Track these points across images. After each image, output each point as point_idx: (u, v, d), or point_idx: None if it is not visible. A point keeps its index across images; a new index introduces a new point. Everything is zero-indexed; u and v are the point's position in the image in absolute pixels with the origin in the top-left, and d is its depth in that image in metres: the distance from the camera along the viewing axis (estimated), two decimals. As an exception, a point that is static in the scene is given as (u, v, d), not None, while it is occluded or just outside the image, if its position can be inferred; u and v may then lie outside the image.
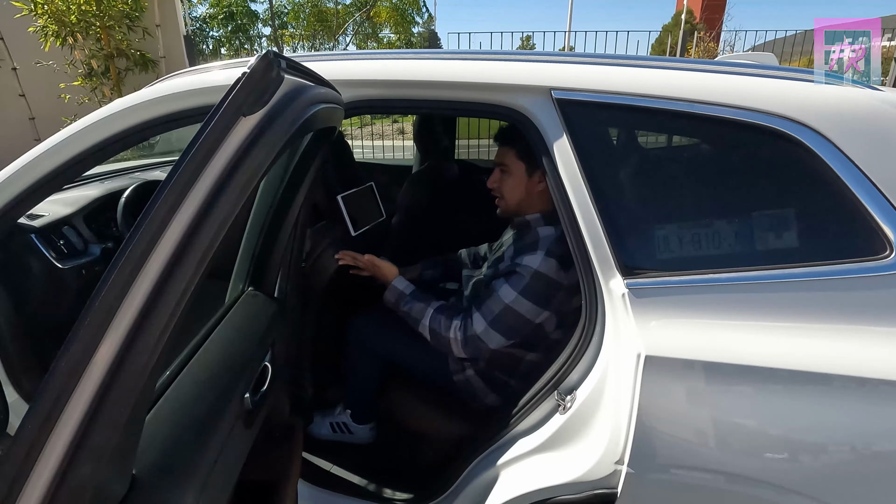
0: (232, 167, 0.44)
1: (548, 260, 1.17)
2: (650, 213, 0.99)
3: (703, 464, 0.85)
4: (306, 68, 0.61)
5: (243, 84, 0.44)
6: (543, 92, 1.00)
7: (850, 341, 0.84)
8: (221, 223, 0.45)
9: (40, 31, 5.11)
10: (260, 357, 0.84)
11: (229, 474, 0.68)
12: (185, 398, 0.62)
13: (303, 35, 11.70)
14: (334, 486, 1.36)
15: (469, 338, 1.22)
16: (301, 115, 0.53)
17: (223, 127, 0.43)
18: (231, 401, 0.69)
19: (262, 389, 0.82)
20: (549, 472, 1.02)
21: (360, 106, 1.10)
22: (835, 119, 0.86)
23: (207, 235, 0.44)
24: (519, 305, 1.18)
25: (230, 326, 0.81)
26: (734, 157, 0.98)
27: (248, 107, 0.45)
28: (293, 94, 0.52)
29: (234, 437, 0.69)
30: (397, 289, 1.36)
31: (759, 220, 0.91)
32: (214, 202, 0.43)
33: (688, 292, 0.91)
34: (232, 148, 0.44)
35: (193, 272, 0.44)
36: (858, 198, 0.84)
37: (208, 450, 0.61)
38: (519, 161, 1.26)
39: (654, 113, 0.94)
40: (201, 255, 0.44)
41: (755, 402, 0.84)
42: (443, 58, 1.12)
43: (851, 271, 0.84)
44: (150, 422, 0.56)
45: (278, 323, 0.97)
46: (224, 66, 1.20)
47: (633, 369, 0.86)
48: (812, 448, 0.82)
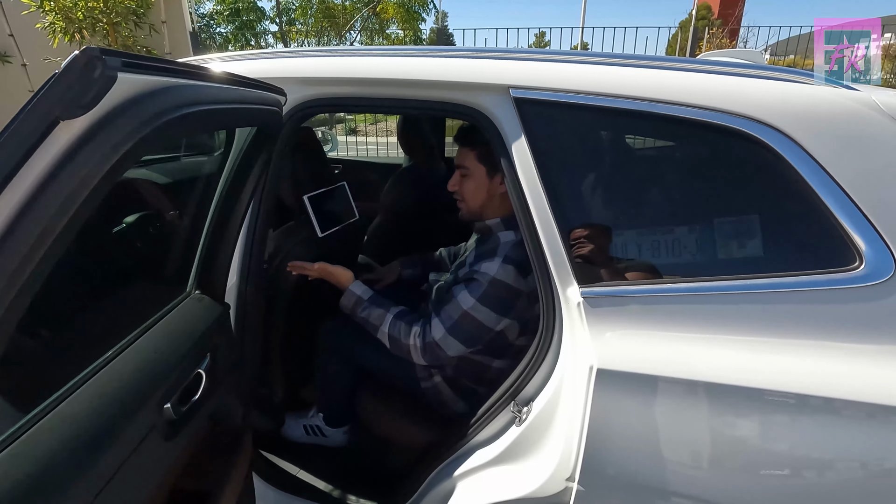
0: (48, 176, 0.41)
1: (505, 267, 1.13)
2: (608, 219, 0.94)
3: (656, 485, 0.81)
4: (185, 66, 0.57)
5: (52, 86, 0.40)
6: (502, 90, 0.96)
7: (816, 358, 0.78)
8: (40, 236, 0.41)
9: (48, 27, 5.17)
10: (192, 364, 0.81)
11: (135, 491, 0.65)
12: (81, 413, 0.59)
13: (309, 31, 11.72)
14: (300, 492, 1.34)
15: (427, 344, 1.19)
16: (154, 119, 0.49)
17: (30, 132, 0.40)
18: (140, 412, 0.66)
19: (194, 399, 0.80)
20: (504, 485, 0.98)
21: (313, 105, 1.07)
22: (801, 119, 0.80)
23: (18, 250, 0.40)
24: (477, 312, 1.14)
25: (160, 333, 0.78)
26: (695, 159, 0.93)
27: (63, 110, 0.42)
28: (138, 97, 0.48)
29: (145, 451, 0.66)
30: (354, 293, 1.31)
31: (722, 226, 0.86)
32: (24, 215, 0.40)
33: (646, 302, 0.87)
34: (49, 156, 0.41)
35: (1, 290, 0.40)
36: (826, 204, 0.78)
37: (101, 467, 0.59)
38: (479, 164, 1.22)
39: (613, 113, 0.90)
40: (13, 271, 0.40)
41: (712, 422, 0.79)
42: (401, 54, 1.08)
43: (818, 283, 0.79)
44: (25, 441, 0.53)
45: (223, 328, 0.95)
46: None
47: (585, 382, 0.82)
48: (772, 471, 0.78)
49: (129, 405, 0.64)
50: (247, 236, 1.11)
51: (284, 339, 1.46)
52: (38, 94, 0.40)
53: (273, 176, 1.11)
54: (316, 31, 11.56)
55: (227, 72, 0.71)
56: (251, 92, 0.77)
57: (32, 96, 0.40)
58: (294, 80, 1.06)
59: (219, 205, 0.91)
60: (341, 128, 8.38)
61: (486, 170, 1.22)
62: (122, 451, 0.62)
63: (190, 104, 0.54)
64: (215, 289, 0.97)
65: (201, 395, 0.81)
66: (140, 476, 0.66)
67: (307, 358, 1.56)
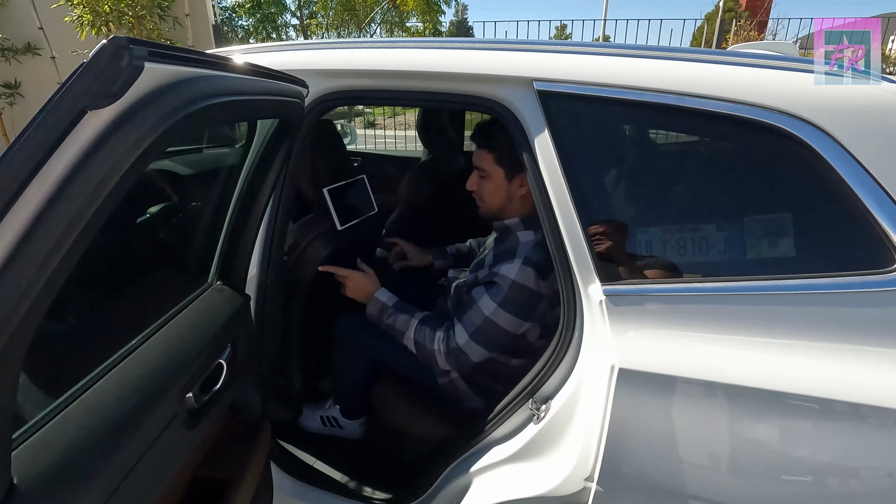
0: (76, 166, 0.41)
1: (525, 269, 1.11)
2: (633, 215, 0.92)
3: (677, 487, 0.79)
4: (210, 56, 0.57)
5: (80, 75, 0.40)
6: (525, 83, 0.94)
7: (847, 363, 0.76)
8: (68, 225, 0.41)
9: (76, 20, 5.28)
10: (214, 354, 0.82)
11: (158, 477, 0.66)
12: (107, 400, 0.60)
13: (329, 24, 11.75)
14: (317, 482, 1.35)
15: (451, 350, 1.19)
16: (180, 109, 0.49)
17: (58, 123, 0.40)
18: (163, 400, 0.67)
19: (215, 388, 0.80)
20: (521, 483, 0.98)
21: (335, 97, 1.07)
22: (841, 115, 0.77)
23: (47, 240, 0.41)
24: (499, 318, 1.13)
25: (182, 323, 0.79)
26: (727, 155, 0.90)
27: (91, 100, 0.42)
28: (165, 87, 0.48)
29: (168, 439, 0.67)
30: (380, 301, 1.32)
31: (752, 225, 0.83)
32: (54, 204, 0.40)
33: (670, 301, 0.85)
34: (77, 146, 0.41)
35: (31, 280, 0.41)
36: (865, 204, 0.75)
37: (125, 453, 0.60)
38: (498, 167, 1.20)
39: (640, 107, 0.87)
40: (41, 263, 0.41)
41: (736, 425, 0.77)
42: (423, 46, 1.07)
43: (852, 285, 0.76)
44: (54, 427, 0.54)
45: (244, 319, 0.95)
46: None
47: (606, 382, 0.80)
48: (796, 477, 0.75)
49: (153, 394, 0.65)
50: (267, 228, 1.11)
51: (302, 331, 1.47)
52: (65, 84, 0.40)
53: (293, 168, 1.12)
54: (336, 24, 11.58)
55: (251, 63, 0.70)
56: (275, 83, 0.77)
57: (60, 86, 0.40)
58: (316, 72, 1.05)
59: (240, 196, 0.92)
60: (360, 121, 8.40)
61: (505, 173, 1.19)
62: (146, 438, 0.63)
63: (215, 95, 0.54)
64: (236, 280, 0.98)
65: (222, 385, 0.82)
66: (162, 463, 0.67)
67: (324, 350, 1.57)
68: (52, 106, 0.40)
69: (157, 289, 0.88)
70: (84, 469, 0.54)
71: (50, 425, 0.54)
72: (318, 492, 1.33)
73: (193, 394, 0.74)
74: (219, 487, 0.81)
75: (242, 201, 0.92)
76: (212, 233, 0.93)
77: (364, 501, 1.30)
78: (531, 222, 1.18)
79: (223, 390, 0.82)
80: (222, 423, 0.90)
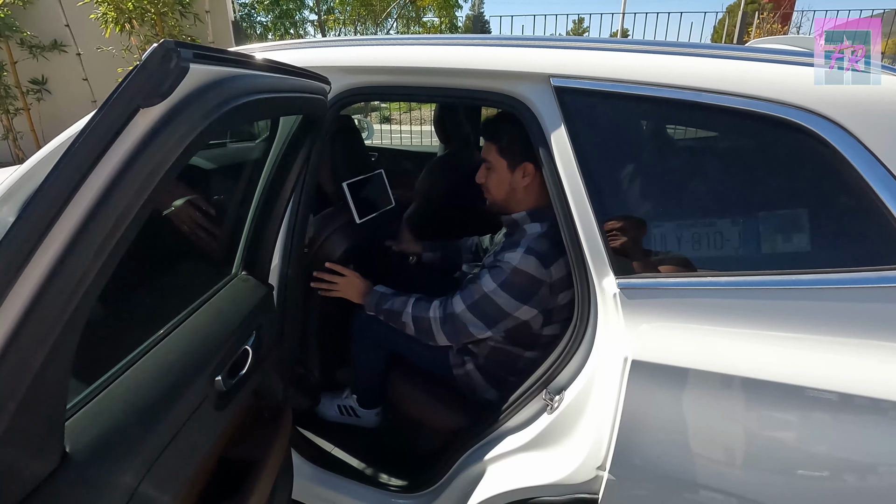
0: (129, 159, 0.44)
1: (527, 257, 1.14)
2: (648, 210, 0.93)
3: (687, 477, 0.81)
4: (246, 56, 0.60)
5: (135, 76, 0.44)
6: (542, 79, 0.96)
7: (862, 358, 0.76)
8: (120, 216, 0.45)
9: (101, 17, 5.40)
10: (240, 341, 0.85)
11: (190, 454, 0.70)
12: (145, 380, 0.64)
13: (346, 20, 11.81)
14: (334, 468, 1.39)
15: (448, 315, 1.23)
16: (220, 106, 0.52)
17: (115, 119, 0.43)
18: (195, 382, 0.71)
19: (241, 373, 0.84)
20: (534, 471, 1.00)
21: (355, 94, 1.09)
22: (858, 110, 0.77)
23: (104, 227, 0.44)
24: (497, 296, 1.17)
25: (211, 310, 0.83)
26: (742, 150, 0.90)
27: (144, 98, 0.45)
28: (206, 86, 0.51)
29: (199, 419, 0.71)
30: (377, 292, 1.37)
31: (768, 220, 0.84)
32: (109, 195, 0.44)
33: (684, 295, 0.86)
34: (130, 141, 0.44)
35: (87, 267, 0.44)
36: (882, 199, 0.75)
37: (161, 430, 0.63)
38: (500, 157, 1.23)
39: (657, 102, 0.88)
40: (96, 250, 0.44)
41: (748, 418, 0.78)
42: (441, 43, 1.09)
43: (868, 280, 0.77)
44: (99, 402, 0.58)
45: (267, 308, 0.99)
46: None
47: (619, 373, 0.82)
48: (810, 471, 0.76)
49: (186, 376, 0.69)
50: (289, 221, 1.15)
51: (321, 321, 1.51)
52: (121, 84, 0.44)
53: (315, 162, 1.15)
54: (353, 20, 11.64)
55: (280, 61, 0.73)
56: (301, 81, 0.80)
57: (117, 86, 0.44)
58: (337, 68, 1.08)
59: (264, 190, 0.95)
60: (375, 116, 8.45)
61: (507, 163, 1.22)
62: (180, 417, 0.67)
63: (250, 93, 0.58)
64: (260, 270, 1.02)
65: (248, 370, 0.85)
66: (195, 441, 0.71)
67: (342, 340, 1.61)
68: (110, 104, 0.44)
69: (188, 278, 0.92)
70: (127, 442, 0.58)
71: (96, 400, 0.58)
72: (336, 477, 1.37)
73: (222, 377, 0.78)
74: (245, 468, 0.85)
75: (266, 195, 0.96)
76: (236, 225, 0.97)
77: (380, 487, 1.33)
78: (538, 215, 1.21)
79: (249, 375, 0.86)
80: (247, 407, 0.94)
